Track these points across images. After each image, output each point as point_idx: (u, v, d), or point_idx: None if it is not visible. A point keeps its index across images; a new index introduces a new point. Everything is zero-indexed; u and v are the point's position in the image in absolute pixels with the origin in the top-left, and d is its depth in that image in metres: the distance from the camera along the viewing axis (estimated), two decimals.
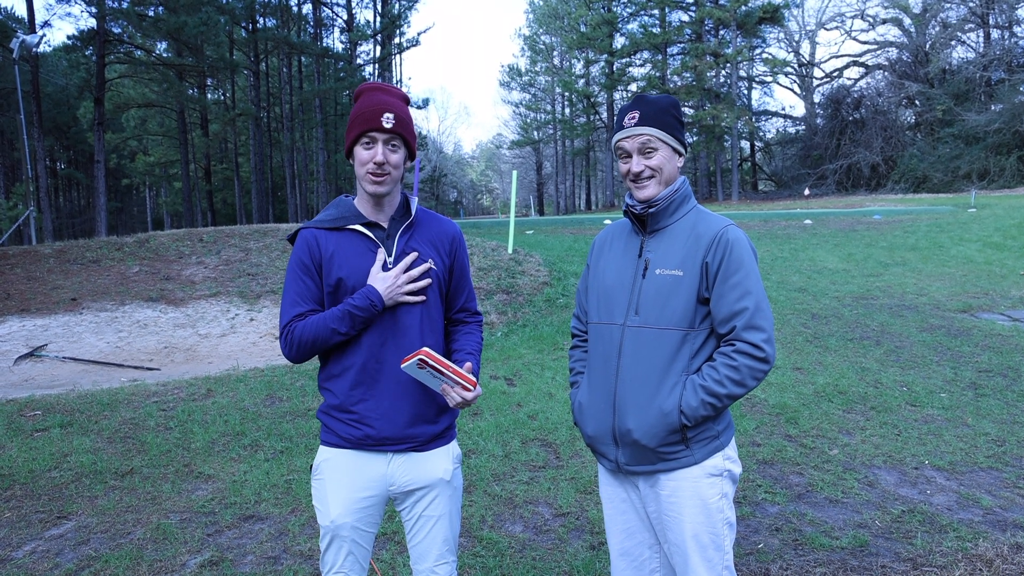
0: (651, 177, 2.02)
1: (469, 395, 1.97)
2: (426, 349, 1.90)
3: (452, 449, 2.19)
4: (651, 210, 2.03)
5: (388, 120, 1.97)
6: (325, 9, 45.61)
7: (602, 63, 57.88)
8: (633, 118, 2.02)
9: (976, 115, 41.54)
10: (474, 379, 1.98)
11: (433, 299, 2.11)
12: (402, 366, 1.94)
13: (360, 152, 1.99)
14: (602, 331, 2.08)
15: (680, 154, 2.06)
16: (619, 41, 56.03)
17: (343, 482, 2.05)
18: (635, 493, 2.12)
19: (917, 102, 48.79)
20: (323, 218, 2.09)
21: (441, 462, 2.14)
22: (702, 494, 1.97)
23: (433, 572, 2.16)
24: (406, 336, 2.04)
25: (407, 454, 2.08)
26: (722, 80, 50.07)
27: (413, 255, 2.06)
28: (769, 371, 1.96)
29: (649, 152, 2.01)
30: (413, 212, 2.13)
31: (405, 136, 2.03)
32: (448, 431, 2.18)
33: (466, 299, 2.25)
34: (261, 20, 40.98)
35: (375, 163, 1.97)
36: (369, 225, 2.06)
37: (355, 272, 2.02)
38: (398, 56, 49.16)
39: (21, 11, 41.45)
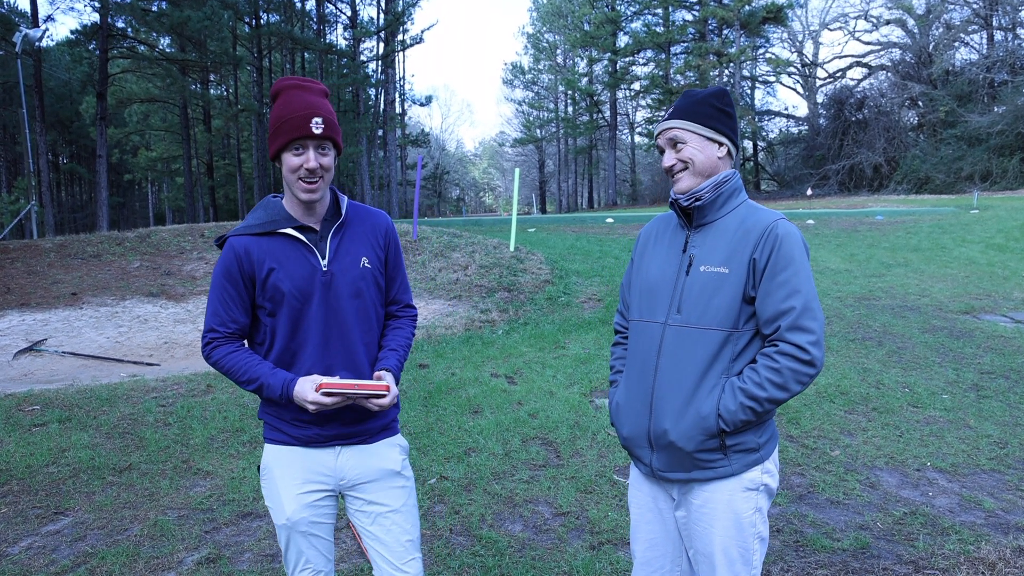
0: (683, 169, 1.96)
1: (385, 401, 1.97)
2: (323, 381, 1.91)
3: (399, 440, 2.20)
4: (697, 203, 1.95)
5: (318, 126, 1.92)
6: (329, 5, 45.59)
7: (605, 62, 57.79)
8: (667, 113, 1.99)
9: (979, 116, 41.45)
10: (385, 384, 1.97)
11: (371, 298, 2.11)
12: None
13: (290, 159, 1.94)
14: (643, 329, 2.02)
15: (720, 144, 1.96)
16: (622, 40, 55.96)
17: (294, 478, 2.05)
18: (666, 501, 2.06)
19: (920, 103, 48.69)
20: (252, 222, 2.03)
21: (390, 452, 2.15)
22: (736, 508, 1.91)
23: (402, 571, 2.11)
24: (347, 337, 2.05)
25: (355, 446, 2.09)
26: (725, 79, 49.99)
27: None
28: (816, 375, 1.84)
29: (678, 145, 1.96)
30: (344, 211, 2.10)
31: (335, 138, 2.00)
32: (393, 423, 2.19)
33: (398, 290, 2.23)
34: (264, 15, 40.95)
35: (307, 170, 1.93)
36: (301, 228, 2.03)
37: (289, 277, 1.99)
38: (401, 53, 49.19)
39: (24, 5, 41.38)
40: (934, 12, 48.26)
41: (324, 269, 2.02)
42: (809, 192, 44.41)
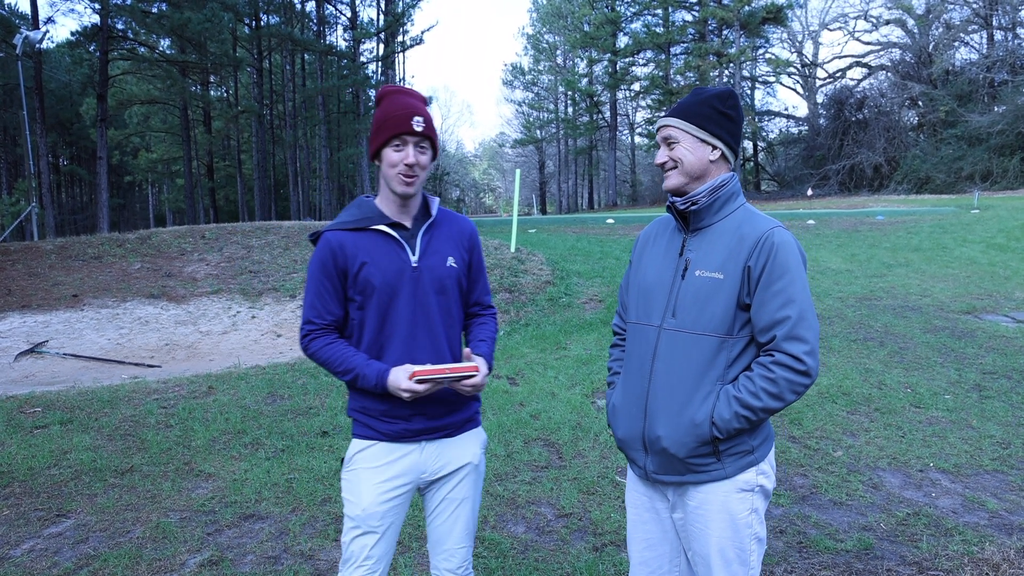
0: (673, 168, 1.97)
1: (477, 380, 2.06)
2: (416, 369, 1.98)
3: (480, 434, 2.28)
4: (693, 207, 1.95)
5: (418, 124, 2.04)
6: (329, 6, 45.60)
7: (605, 62, 57.79)
8: (669, 109, 2.01)
9: (979, 116, 41.45)
10: (474, 364, 2.06)
11: (454, 296, 2.20)
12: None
13: (390, 154, 2.05)
14: (639, 332, 2.03)
15: (713, 146, 1.95)
16: (622, 40, 55.99)
17: (377, 472, 2.11)
18: (662, 501, 2.06)
19: (920, 103, 48.69)
20: (346, 219, 2.14)
21: (471, 446, 2.23)
22: (731, 509, 1.91)
23: (452, 555, 2.22)
24: (433, 330, 2.14)
25: (440, 440, 2.17)
26: (725, 80, 50.00)
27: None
28: (811, 385, 1.85)
29: (671, 143, 1.97)
30: (434, 212, 2.20)
31: (432, 138, 2.10)
32: (476, 415, 2.27)
33: (480, 292, 2.33)
34: (265, 17, 40.95)
35: (406, 164, 2.04)
36: (393, 225, 2.13)
37: (380, 271, 2.08)
38: (401, 54, 49.16)
39: (25, 7, 41.41)
40: (934, 12, 48.26)
41: (414, 265, 2.11)
42: (809, 192, 44.41)
